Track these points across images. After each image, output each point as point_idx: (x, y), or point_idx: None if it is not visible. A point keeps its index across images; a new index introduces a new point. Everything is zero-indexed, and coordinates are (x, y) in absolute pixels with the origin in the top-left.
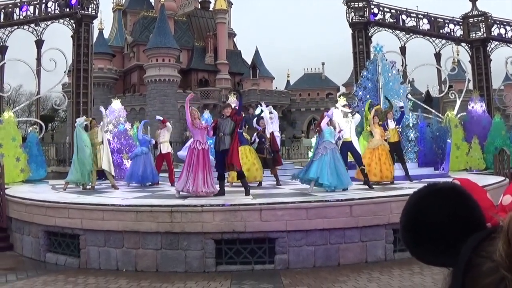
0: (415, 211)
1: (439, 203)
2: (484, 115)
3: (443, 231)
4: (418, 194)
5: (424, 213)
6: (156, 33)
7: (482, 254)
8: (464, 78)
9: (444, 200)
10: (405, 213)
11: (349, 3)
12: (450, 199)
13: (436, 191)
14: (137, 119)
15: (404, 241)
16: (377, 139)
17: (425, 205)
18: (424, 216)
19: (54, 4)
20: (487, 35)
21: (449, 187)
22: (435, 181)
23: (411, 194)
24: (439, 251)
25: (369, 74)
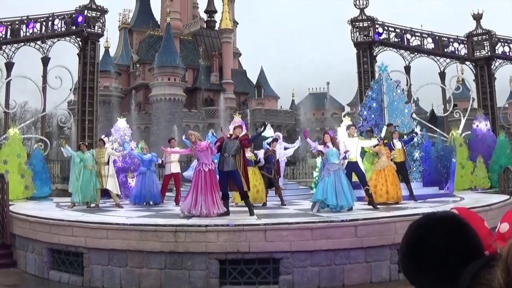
0: (415, 240)
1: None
2: (488, 134)
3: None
4: (417, 224)
5: (423, 243)
6: (161, 52)
7: (481, 282)
8: (469, 97)
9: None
10: (405, 243)
11: (354, 22)
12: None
13: (435, 221)
14: (142, 138)
15: (404, 270)
16: (384, 160)
17: (424, 235)
18: (423, 246)
19: (60, 21)
20: (491, 53)
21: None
22: (434, 211)
23: (410, 224)
24: (438, 279)
25: (374, 93)
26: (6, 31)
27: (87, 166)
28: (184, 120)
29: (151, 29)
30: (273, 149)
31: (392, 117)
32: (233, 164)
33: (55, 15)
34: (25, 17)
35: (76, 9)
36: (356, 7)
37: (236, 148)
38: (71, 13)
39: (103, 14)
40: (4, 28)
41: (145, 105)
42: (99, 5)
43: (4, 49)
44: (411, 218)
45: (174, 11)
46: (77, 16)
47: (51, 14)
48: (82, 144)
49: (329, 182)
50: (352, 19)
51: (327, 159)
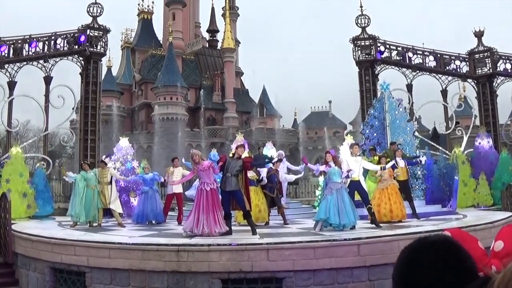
0: (407, 266)
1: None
2: (491, 151)
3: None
4: (409, 249)
5: (416, 268)
6: (164, 71)
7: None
8: (471, 114)
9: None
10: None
11: (355, 41)
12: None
13: (427, 245)
14: (144, 157)
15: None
16: (386, 179)
17: (416, 259)
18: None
19: (63, 41)
20: (493, 70)
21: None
22: (426, 235)
23: (403, 249)
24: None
25: (376, 112)
26: (9, 50)
27: (90, 186)
28: (186, 139)
29: (153, 49)
30: (276, 168)
31: (394, 135)
32: (235, 184)
33: (57, 34)
34: (28, 36)
35: (79, 28)
36: (358, 25)
37: (239, 168)
38: (74, 33)
39: (106, 33)
40: (6, 47)
41: (148, 124)
42: (101, 25)
43: (6, 68)
44: (414, 236)
45: (176, 31)
46: (80, 36)
47: (54, 34)
48: (84, 164)
49: (332, 201)
50: (353, 37)
51: (330, 178)
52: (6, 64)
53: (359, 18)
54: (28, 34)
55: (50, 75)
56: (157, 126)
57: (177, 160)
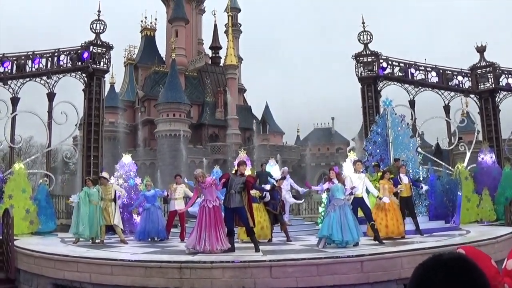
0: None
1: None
2: (494, 166)
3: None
4: (423, 266)
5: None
6: (167, 88)
7: None
8: (474, 130)
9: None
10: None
11: (358, 58)
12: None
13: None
14: (147, 174)
15: None
16: (386, 195)
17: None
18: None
19: (66, 57)
20: (495, 85)
21: (454, 257)
22: (440, 252)
23: (417, 266)
24: None
25: (378, 128)
26: (12, 66)
27: (92, 201)
28: (189, 156)
29: (156, 65)
30: (279, 185)
31: (397, 151)
32: (239, 200)
33: (60, 50)
34: (31, 52)
35: (82, 45)
36: (360, 42)
37: (242, 185)
38: (77, 49)
39: (109, 50)
40: (10, 63)
41: (150, 141)
42: (104, 41)
43: (9, 84)
44: (418, 253)
45: (179, 47)
46: (83, 52)
47: (57, 50)
48: (88, 180)
49: (335, 217)
50: (356, 54)
51: (333, 194)
52: (9, 80)
53: (362, 34)
54: (31, 50)
55: (53, 91)
56: (160, 143)
57: (179, 178)
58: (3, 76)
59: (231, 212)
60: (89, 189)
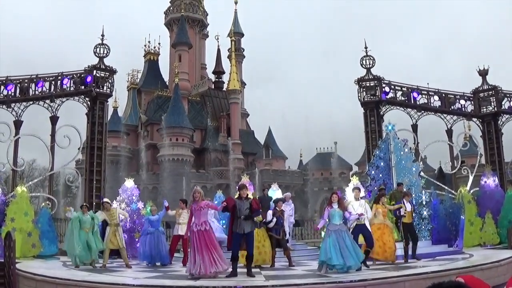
0: None
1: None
2: (497, 189)
3: None
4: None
5: None
6: (170, 112)
7: None
8: (476, 153)
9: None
10: None
11: (360, 82)
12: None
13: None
14: (149, 198)
15: None
16: (380, 219)
17: None
18: None
19: (69, 81)
20: (497, 109)
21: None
22: (440, 281)
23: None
24: None
25: (381, 153)
26: (16, 89)
27: (84, 228)
28: (192, 180)
29: (160, 90)
30: (280, 209)
31: (400, 176)
32: (250, 226)
33: (64, 74)
34: (35, 75)
35: (85, 69)
36: (363, 66)
37: (248, 209)
38: (80, 73)
39: (112, 74)
40: (13, 86)
41: (153, 165)
42: (108, 65)
43: (13, 107)
44: (421, 277)
45: (182, 72)
46: (86, 76)
47: (60, 73)
48: (84, 206)
49: (331, 242)
50: (358, 78)
51: (329, 219)
52: (12, 103)
53: (364, 59)
54: (35, 73)
55: (57, 115)
56: (163, 167)
57: (181, 203)
58: (7, 99)
59: (240, 238)
60: (83, 215)
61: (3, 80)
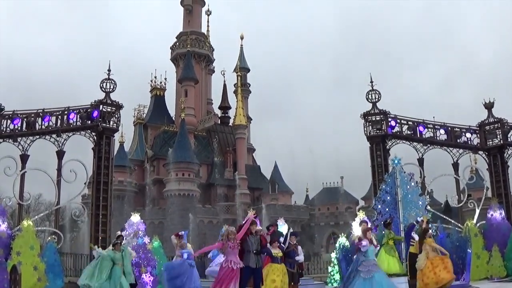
0: None
1: None
2: (503, 222)
3: None
4: None
5: None
6: (176, 147)
7: None
8: (483, 186)
9: None
10: None
11: (366, 116)
12: None
13: None
14: (155, 233)
15: None
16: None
17: None
18: None
19: (76, 116)
20: (503, 141)
21: None
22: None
23: None
24: None
25: (387, 187)
26: (22, 123)
27: (118, 264)
28: (198, 215)
29: (166, 125)
30: (294, 243)
31: (406, 210)
32: (259, 261)
33: (70, 109)
34: (41, 110)
35: (92, 103)
36: (368, 101)
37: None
38: (87, 108)
39: (118, 109)
40: (20, 120)
41: (159, 200)
42: (114, 100)
43: (19, 141)
44: None
45: (188, 107)
46: (93, 111)
47: (67, 108)
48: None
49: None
50: (364, 113)
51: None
52: (19, 137)
53: (370, 93)
54: (41, 108)
55: (63, 149)
56: (169, 202)
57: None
58: (13, 133)
59: (251, 272)
60: (115, 254)
61: (10, 114)
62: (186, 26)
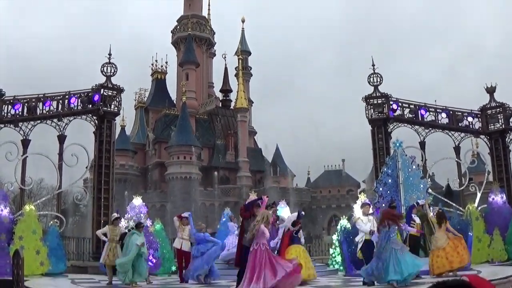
0: None
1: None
2: (504, 206)
3: None
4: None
5: None
6: (177, 131)
7: None
8: (484, 170)
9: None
10: None
11: (368, 100)
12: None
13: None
14: (157, 216)
15: None
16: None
17: None
18: None
19: (77, 100)
20: (505, 126)
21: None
22: (444, 280)
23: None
24: None
25: (389, 170)
26: (23, 108)
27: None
28: (200, 198)
29: (167, 108)
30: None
31: (407, 192)
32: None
33: (71, 93)
34: (42, 95)
35: (93, 87)
36: (370, 84)
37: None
38: (88, 92)
39: (120, 93)
40: (20, 105)
41: (161, 183)
42: (115, 84)
43: (20, 126)
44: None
45: (189, 91)
46: (94, 95)
47: (68, 92)
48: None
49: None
50: (366, 96)
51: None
52: (20, 123)
53: (372, 76)
54: (42, 93)
55: (64, 133)
56: (171, 185)
57: (185, 219)
58: (14, 118)
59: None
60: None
61: (10, 100)
62: (187, 9)
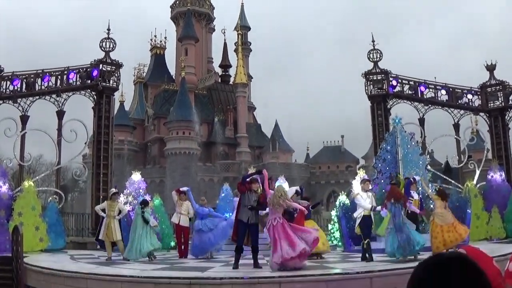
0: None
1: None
2: (503, 184)
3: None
4: (424, 265)
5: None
6: (176, 106)
7: None
8: (483, 148)
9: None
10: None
11: (367, 76)
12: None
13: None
14: (156, 192)
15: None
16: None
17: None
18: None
19: (75, 75)
20: (505, 104)
21: (455, 256)
22: (441, 252)
23: (417, 264)
24: None
25: (388, 146)
26: (22, 84)
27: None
28: (199, 173)
29: (166, 84)
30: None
31: (406, 169)
32: (255, 217)
33: (70, 69)
34: (40, 70)
35: (91, 63)
36: (370, 60)
37: (256, 202)
38: (86, 67)
39: (118, 68)
40: (19, 81)
41: (160, 159)
42: (114, 59)
43: (19, 102)
44: None
45: (188, 66)
46: (92, 70)
47: (66, 68)
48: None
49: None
50: (366, 72)
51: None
52: (18, 98)
53: (371, 52)
54: (41, 68)
55: (63, 109)
56: (170, 161)
57: (183, 195)
58: (13, 94)
59: (245, 227)
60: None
61: (9, 76)
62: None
